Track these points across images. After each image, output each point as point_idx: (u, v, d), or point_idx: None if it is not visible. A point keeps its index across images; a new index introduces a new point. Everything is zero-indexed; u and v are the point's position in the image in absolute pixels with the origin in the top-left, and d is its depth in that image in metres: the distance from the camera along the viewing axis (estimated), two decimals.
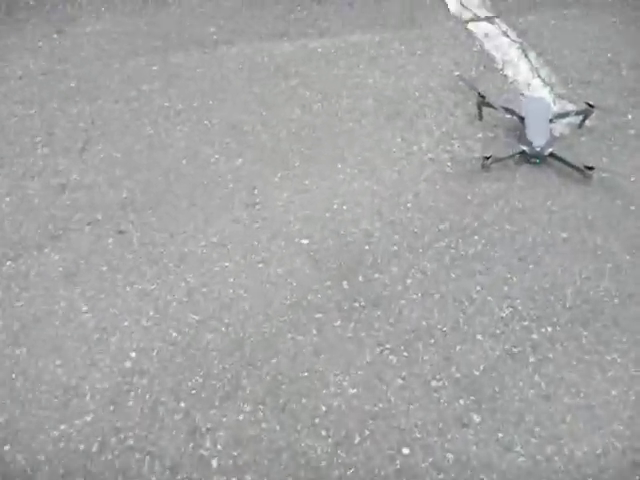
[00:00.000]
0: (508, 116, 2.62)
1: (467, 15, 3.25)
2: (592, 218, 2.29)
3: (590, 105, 2.59)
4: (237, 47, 3.04)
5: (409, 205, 2.34)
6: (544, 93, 2.80)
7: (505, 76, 2.90)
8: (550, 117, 2.58)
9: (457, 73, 2.84)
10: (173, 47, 3.04)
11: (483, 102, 2.64)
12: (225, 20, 3.20)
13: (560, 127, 2.64)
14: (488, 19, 3.23)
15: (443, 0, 3.34)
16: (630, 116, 2.69)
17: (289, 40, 3.09)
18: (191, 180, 2.40)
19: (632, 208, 2.33)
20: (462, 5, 3.30)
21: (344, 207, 2.32)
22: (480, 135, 2.61)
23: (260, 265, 2.12)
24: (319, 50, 3.03)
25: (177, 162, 2.47)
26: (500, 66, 2.95)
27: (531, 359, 1.88)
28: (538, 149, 2.45)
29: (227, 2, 3.34)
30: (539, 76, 2.90)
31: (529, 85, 2.85)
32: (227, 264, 2.12)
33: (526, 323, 1.96)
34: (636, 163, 2.49)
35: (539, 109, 2.60)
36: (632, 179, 2.41)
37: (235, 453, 1.67)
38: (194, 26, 3.16)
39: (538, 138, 2.48)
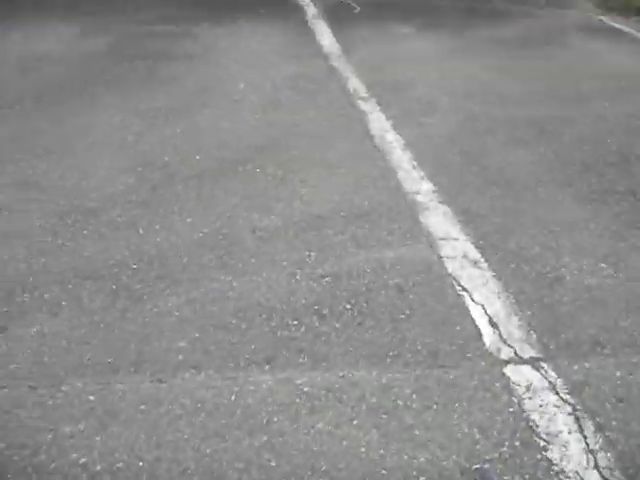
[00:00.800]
0: None
1: (506, 353, 2.54)
2: None
3: None
4: (203, 375, 2.39)
5: None
6: None
7: (549, 460, 2.11)
8: None
9: (476, 466, 2.07)
10: (125, 372, 2.42)
11: None
12: (202, 333, 2.60)
13: None
14: (533, 362, 2.51)
15: (477, 327, 2.67)
16: None
17: (271, 370, 2.43)
18: None
19: None
20: (501, 338, 2.61)
21: None
22: None
23: None
24: (305, 390, 2.35)
25: None
26: (542, 442, 2.17)
27: None
28: None
29: (212, 283, 2.80)
30: (596, 465, 2.10)
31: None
32: None
33: None
34: None
35: None
36: None
37: None
38: (161, 337, 2.56)
39: None
